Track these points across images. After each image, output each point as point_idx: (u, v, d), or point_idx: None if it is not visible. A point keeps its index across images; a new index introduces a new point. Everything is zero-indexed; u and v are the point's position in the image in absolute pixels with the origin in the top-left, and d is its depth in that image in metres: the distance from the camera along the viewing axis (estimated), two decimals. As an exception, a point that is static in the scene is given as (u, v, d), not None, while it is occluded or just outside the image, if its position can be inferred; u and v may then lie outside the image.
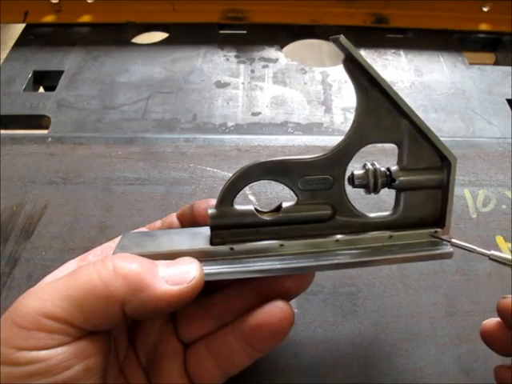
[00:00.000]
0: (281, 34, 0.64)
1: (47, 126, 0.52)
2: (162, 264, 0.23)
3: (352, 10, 0.64)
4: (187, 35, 0.63)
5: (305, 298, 0.34)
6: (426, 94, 0.56)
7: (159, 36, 0.65)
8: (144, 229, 0.30)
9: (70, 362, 0.21)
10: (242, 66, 0.59)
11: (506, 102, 0.55)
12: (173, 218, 0.30)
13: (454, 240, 0.27)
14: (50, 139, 0.45)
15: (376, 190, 0.27)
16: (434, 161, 0.26)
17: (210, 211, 0.26)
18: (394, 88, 0.24)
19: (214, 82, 0.57)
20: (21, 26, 0.65)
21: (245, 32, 0.64)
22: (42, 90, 0.60)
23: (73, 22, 0.64)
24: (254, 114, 0.53)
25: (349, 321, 0.33)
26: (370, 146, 0.26)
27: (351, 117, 0.53)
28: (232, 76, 0.58)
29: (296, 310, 0.33)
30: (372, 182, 0.27)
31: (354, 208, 0.27)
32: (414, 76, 0.59)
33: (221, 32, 0.64)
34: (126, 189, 0.41)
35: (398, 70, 0.59)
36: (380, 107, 0.25)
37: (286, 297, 0.26)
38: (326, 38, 0.67)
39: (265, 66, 0.60)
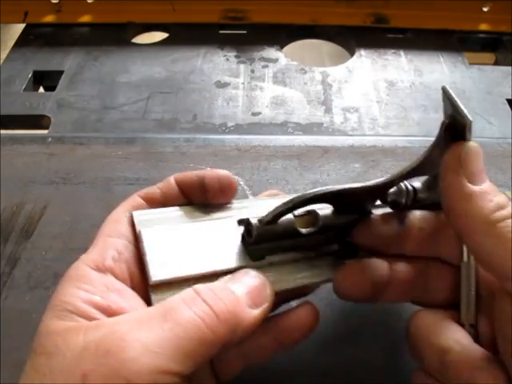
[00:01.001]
0: (281, 34, 0.64)
1: (47, 126, 0.52)
2: (234, 286, 0.23)
3: (352, 10, 0.64)
4: (187, 35, 0.63)
5: (305, 298, 0.34)
6: (426, 94, 0.56)
7: (159, 36, 0.65)
8: (145, 208, 0.28)
9: None
10: (241, 66, 0.59)
11: (506, 102, 0.55)
12: (171, 183, 0.28)
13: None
14: (49, 139, 0.45)
15: (406, 208, 0.27)
16: None
17: (256, 226, 0.25)
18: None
19: (213, 81, 0.57)
20: (21, 26, 0.65)
21: (245, 32, 0.64)
22: (42, 90, 0.60)
23: (73, 22, 0.64)
24: (253, 114, 0.53)
25: (349, 321, 0.33)
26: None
27: (351, 117, 0.53)
28: (232, 76, 0.58)
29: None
30: (405, 199, 0.27)
31: None
32: (413, 76, 0.59)
33: (221, 32, 0.64)
34: (126, 189, 0.41)
35: (398, 69, 0.59)
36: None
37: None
38: (326, 37, 0.67)
39: (265, 66, 0.60)
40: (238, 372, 0.26)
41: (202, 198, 0.28)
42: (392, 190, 0.27)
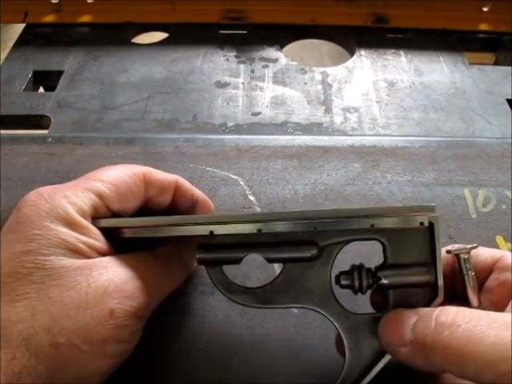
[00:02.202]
0: (281, 34, 0.64)
1: (47, 126, 0.52)
2: None
3: (352, 10, 0.64)
4: (187, 35, 0.63)
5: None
6: (426, 94, 0.56)
7: (159, 36, 0.65)
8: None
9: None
10: (241, 66, 0.59)
11: (506, 102, 0.55)
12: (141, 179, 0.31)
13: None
14: (49, 139, 0.45)
15: (362, 291, 0.27)
16: (421, 255, 0.25)
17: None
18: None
19: (213, 81, 0.57)
20: (21, 26, 0.65)
21: (245, 32, 0.64)
22: (42, 90, 0.60)
23: (73, 22, 0.64)
24: (253, 114, 0.53)
25: (349, 321, 0.33)
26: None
27: (351, 117, 0.53)
28: (232, 76, 0.58)
29: (295, 311, 0.33)
30: (357, 284, 0.26)
31: (343, 307, 0.27)
32: (414, 76, 0.59)
33: (221, 32, 0.64)
34: (126, 189, 0.41)
35: (398, 69, 0.59)
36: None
37: None
38: (326, 37, 0.67)
39: (265, 66, 0.60)
40: None
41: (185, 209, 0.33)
42: (345, 275, 0.27)
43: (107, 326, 0.23)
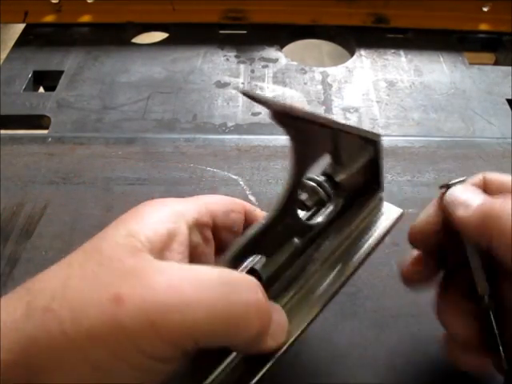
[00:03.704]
0: (281, 34, 0.64)
1: (47, 126, 0.52)
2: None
3: (352, 10, 0.64)
4: (187, 35, 0.63)
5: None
6: (426, 94, 0.56)
7: (159, 36, 0.65)
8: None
9: (161, 380, 0.20)
10: (241, 66, 0.59)
11: (506, 102, 0.55)
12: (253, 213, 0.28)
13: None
14: (49, 139, 0.45)
15: (331, 200, 0.27)
16: (360, 145, 0.28)
17: None
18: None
19: (213, 81, 0.57)
20: (21, 26, 0.65)
21: (245, 32, 0.64)
22: (42, 90, 0.60)
23: (73, 22, 0.64)
24: (253, 114, 0.53)
25: (349, 321, 0.33)
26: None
27: (351, 117, 0.53)
28: (232, 76, 0.58)
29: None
30: (324, 194, 0.27)
31: (309, 223, 0.27)
32: (414, 76, 0.59)
33: (221, 32, 0.64)
34: (126, 189, 0.41)
35: (398, 69, 0.59)
36: (313, 135, 0.24)
37: None
38: (326, 37, 0.67)
39: (265, 66, 0.60)
40: None
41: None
42: (304, 195, 0.27)
43: (103, 315, 0.18)
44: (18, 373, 0.18)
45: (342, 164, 0.27)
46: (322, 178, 0.27)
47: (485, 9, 0.63)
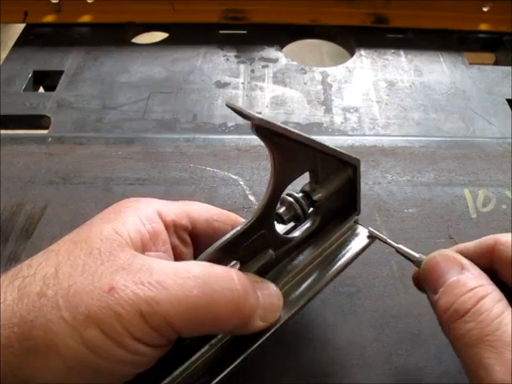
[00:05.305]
0: (281, 34, 0.64)
1: (47, 125, 0.52)
2: (259, 293, 0.24)
3: (352, 10, 0.64)
4: (187, 35, 0.63)
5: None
6: (425, 94, 0.56)
7: (159, 36, 0.65)
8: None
9: (150, 364, 0.22)
10: (241, 66, 0.59)
11: (506, 102, 0.55)
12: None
13: (370, 229, 0.30)
14: (49, 139, 0.45)
15: (306, 217, 0.28)
16: (339, 167, 0.29)
17: None
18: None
19: (213, 81, 0.57)
20: (21, 26, 0.65)
21: (245, 32, 0.64)
22: (42, 89, 0.60)
23: (73, 22, 0.64)
24: (253, 114, 0.53)
25: (349, 321, 0.33)
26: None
27: (351, 117, 0.53)
28: (232, 76, 0.58)
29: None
30: (300, 211, 0.27)
31: (285, 237, 0.28)
32: (414, 76, 0.58)
33: (221, 32, 0.64)
34: (126, 189, 0.41)
35: (398, 69, 0.59)
36: (292, 152, 0.25)
37: None
38: (326, 38, 0.67)
39: (265, 66, 0.60)
40: None
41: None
42: (282, 209, 0.27)
43: (99, 301, 0.20)
44: (14, 354, 0.19)
45: (320, 183, 0.28)
46: (300, 195, 0.28)
47: (485, 9, 0.63)
